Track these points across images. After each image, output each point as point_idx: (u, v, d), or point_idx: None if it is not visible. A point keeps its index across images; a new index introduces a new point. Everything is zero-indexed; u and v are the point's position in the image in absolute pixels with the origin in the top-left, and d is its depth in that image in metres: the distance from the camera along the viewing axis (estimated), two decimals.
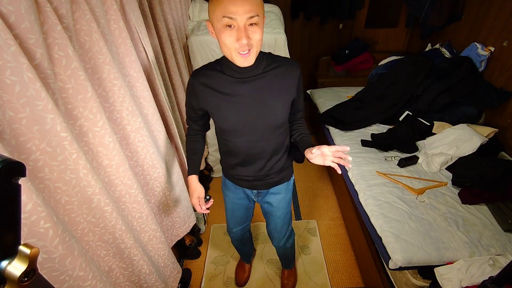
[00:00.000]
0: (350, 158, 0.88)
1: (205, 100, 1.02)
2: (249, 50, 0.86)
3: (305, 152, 1.01)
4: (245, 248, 1.73)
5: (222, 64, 0.98)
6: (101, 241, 0.94)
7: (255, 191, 1.27)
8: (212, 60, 2.01)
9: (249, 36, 0.84)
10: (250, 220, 1.51)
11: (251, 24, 0.83)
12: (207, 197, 1.17)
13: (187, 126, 1.20)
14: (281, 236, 1.44)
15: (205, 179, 2.44)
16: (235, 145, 1.09)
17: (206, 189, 2.44)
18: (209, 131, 2.34)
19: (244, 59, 0.88)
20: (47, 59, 0.66)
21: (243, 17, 0.80)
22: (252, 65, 0.93)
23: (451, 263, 1.35)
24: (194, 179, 1.17)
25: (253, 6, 0.80)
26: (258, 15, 0.82)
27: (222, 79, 0.99)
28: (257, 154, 1.11)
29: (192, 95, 1.04)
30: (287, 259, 1.71)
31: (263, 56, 0.98)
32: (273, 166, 1.16)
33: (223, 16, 0.81)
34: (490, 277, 0.85)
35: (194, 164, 1.19)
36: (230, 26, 0.83)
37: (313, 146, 0.97)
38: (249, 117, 1.01)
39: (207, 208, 1.17)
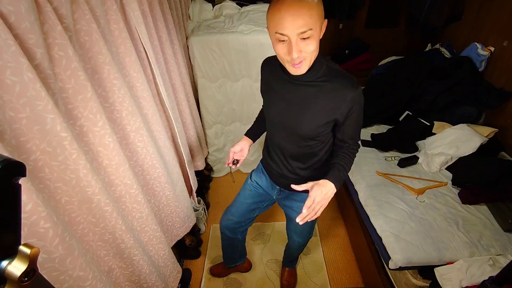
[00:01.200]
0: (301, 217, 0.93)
1: (262, 83, 1.14)
2: (301, 61, 0.87)
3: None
4: (235, 248, 1.65)
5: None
6: (101, 241, 0.94)
7: (277, 187, 1.30)
8: (212, 60, 2.03)
9: (300, 50, 0.84)
10: (249, 220, 1.46)
11: (304, 38, 0.82)
12: (235, 162, 1.27)
13: None
14: (299, 240, 1.47)
15: (205, 179, 2.44)
16: (269, 133, 1.19)
17: (206, 189, 2.44)
18: (209, 131, 2.33)
19: (296, 69, 0.90)
20: (47, 59, 0.66)
21: (293, 33, 0.80)
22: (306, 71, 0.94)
23: (451, 263, 1.35)
24: (243, 138, 1.27)
25: (305, 20, 0.78)
26: (311, 29, 0.80)
27: (278, 73, 1.03)
28: (279, 151, 1.16)
29: (260, 73, 1.16)
30: (292, 256, 1.70)
31: (322, 65, 0.96)
32: (294, 171, 1.17)
33: (275, 32, 0.82)
34: (490, 277, 0.85)
35: (252, 128, 1.31)
36: (282, 40, 0.83)
37: (331, 175, 0.97)
38: (283, 115, 1.05)
39: (234, 164, 1.27)
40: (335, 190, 0.95)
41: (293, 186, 0.96)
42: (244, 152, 1.25)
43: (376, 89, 2.55)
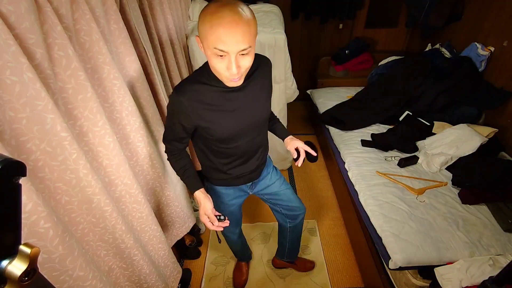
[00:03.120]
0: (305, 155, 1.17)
1: (199, 116, 0.96)
2: (239, 76, 0.88)
3: (286, 143, 1.22)
4: (244, 247, 1.75)
5: (208, 77, 0.95)
6: (101, 241, 0.94)
7: (249, 183, 1.29)
8: None
9: (239, 66, 0.84)
10: (241, 220, 1.55)
11: (243, 54, 0.82)
12: (222, 218, 1.08)
13: (165, 148, 1.11)
14: (298, 198, 1.44)
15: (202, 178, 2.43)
16: (235, 150, 1.09)
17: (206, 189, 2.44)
18: None
19: (234, 83, 0.91)
20: (47, 59, 0.66)
21: (235, 50, 0.79)
22: None
23: (451, 263, 1.35)
24: (198, 194, 1.09)
25: (246, 38, 0.79)
26: (250, 46, 0.81)
27: (212, 91, 0.95)
28: (255, 150, 1.16)
29: (181, 114, 0.95)
30: (298, 243, 1.69)
31: None
32: (263, 154, 1.23)
33: (215, 48, 0.79)
34: (490, 277, 0.85)
35: (192, 180, 1.11)
36: (221, 55, 0.82)
37: (287, 132, 1.26)
38: (247, 120, 1.04)
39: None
40: None
41: (297, 163, 1.17)
42: (212, 203, 1.09)
43: (376, 89, 2.55)
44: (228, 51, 0.79)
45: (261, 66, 1.04)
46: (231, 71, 0.82)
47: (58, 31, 0.68)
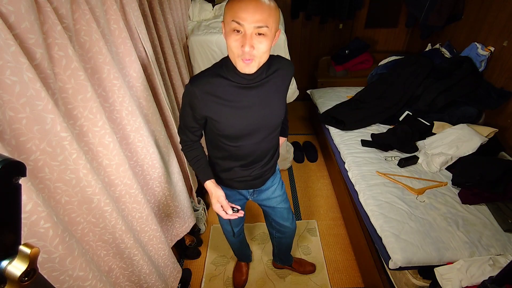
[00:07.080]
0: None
1: (209, 108, 0.96)
2: (251, 58, 0.86)
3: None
4: (243, 246, 1.74)
5: (226, 70, 0.95)
6: (101, 241, 0.94)
7: (251, 190, 1.28)
8: (212, 60, 2.02)
9: (253, 45, 0.83)
10: (243, 220, 1.53)
11: (259, 34, 0.83)
12: (235, 210, 1.13)
13: (179, 139, 1.13)
14: (290, 218, 1.45)
15: None
16: (239, 149, 1.08)
17: None
18: None
19: (246, 65, 0.88)
20: (47, 59, 0.66)
21: (250, 25, 0.80)
22: (258, 71, 0.94)
23: (451, 263, 1.35)
24: (209, 184, 1.09)
25: (263, 16, 0.80)
26: (267, 26, 0.82)
27: (227, 85, 0.95)
28: (260, 155, 1.13)
29: (192, 104, 0.97)
30: (288, 251, 1.71)
31: (268, 61, 0.97)
32: (270, 162, 1.20)
33: (232, 20, 0.81)
34: (490, 277, 0.85)
35: (204, 170, 1.11)
36: (238, 31, 0.82)
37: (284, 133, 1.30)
38: (255, 121, 1.02)
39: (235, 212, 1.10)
40: None
41: None
42: (221, 193, 1.08)
43: (376, 89, 2.55)
44: (244, 25, 0.80)
45: (282, 69, 1.02)
46: (244, 48, 0.82)
47: (58, 31, 0.68)
